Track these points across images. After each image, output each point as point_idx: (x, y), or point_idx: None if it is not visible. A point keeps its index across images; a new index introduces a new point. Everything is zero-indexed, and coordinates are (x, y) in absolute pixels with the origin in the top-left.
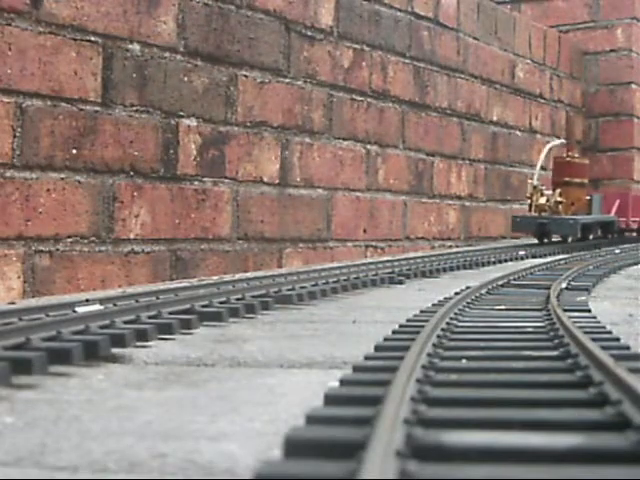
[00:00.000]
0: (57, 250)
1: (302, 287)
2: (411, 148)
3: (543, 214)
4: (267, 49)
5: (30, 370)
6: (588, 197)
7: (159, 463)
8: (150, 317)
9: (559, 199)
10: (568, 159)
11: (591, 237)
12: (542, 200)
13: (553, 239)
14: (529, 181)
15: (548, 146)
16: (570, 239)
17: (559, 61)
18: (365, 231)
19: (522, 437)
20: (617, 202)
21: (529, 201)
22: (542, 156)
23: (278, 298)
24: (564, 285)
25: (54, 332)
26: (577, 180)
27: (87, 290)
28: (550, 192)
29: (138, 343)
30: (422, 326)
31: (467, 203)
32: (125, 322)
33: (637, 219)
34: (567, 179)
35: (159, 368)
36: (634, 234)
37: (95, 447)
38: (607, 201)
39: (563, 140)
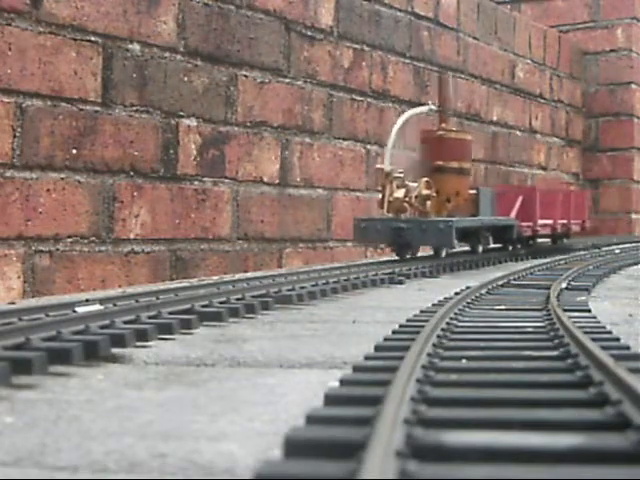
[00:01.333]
0: (57, 250)
1: (302, 287)
2: (411, 148)
3: (404, 215)
4: (267, 49)
5: (30, 370)
6: (473, 191)
7: (159, 463)
8: (150, 317)
9: (426, 192)
10: (441, 134)
11: (480, 249)
12: (398, 194)
13: (423, 252)
14: (377, 166)
15: (407, 114)
16: (443, 252)
17: (559, 61)
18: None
19: (522, 437)
20: (519, 200)
21: (380, 195)
22: (396, 128)
23: (278, 298)
24: (564, 285)
25: (54, 332)
26: (454, 165)
27: (87, 290)
28: (415, 183)
29: (138, 343)
30: (422, 326)
31: None
32: (125, 322)
33: (548, 222)
34: (440, 163)
35: (159, 368)
36: (544, 241)
37: (95, 447)
38: (504, 198)
39: (432, 106)
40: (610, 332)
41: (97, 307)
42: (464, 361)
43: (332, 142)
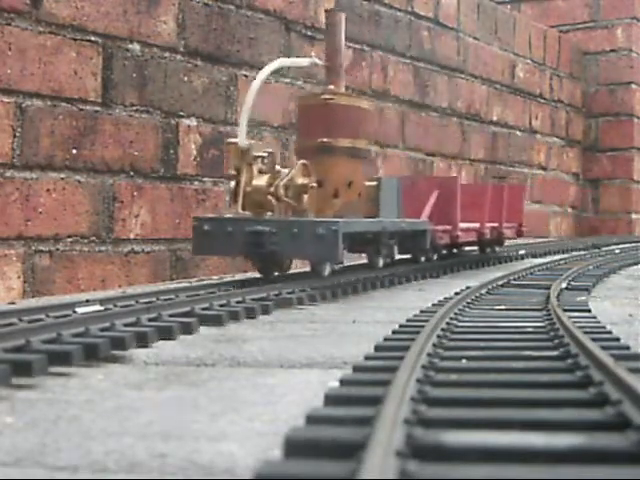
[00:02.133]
0: (57, 250)
1: (302, 289)
2: (411, 148)
3: (268, 214)
4: (267, 49)
5: (30, 372)
6: (372, 182)
7: (159, 463)
8: (150, 319)
9: (302, 181)
10: (327, 98)
11: (380, 262)
12: (260, 181)
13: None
14: (228, 140)
15: (273, 65)
16: (326, 269)
17: (559, 61)
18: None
19: (522, 437)
20: (434, 196)
21: (233, 184)
22: (256, 86)
23: (278, 301)
24: (564, 285)
25: (54, 334)
26: (345, 144)
27: (87, 290)
28: (286, 169)
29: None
30: (422, 326)
31: None
32: (125, 324)
33: (474, 225)
34: (324, 141)
35: (159, 368)
36: (469, 249)
37: (95, 447)
38: (413, 193)
39: (316, 59)
40: (610, 332)
41: (97, 307)
42: (464, 361)
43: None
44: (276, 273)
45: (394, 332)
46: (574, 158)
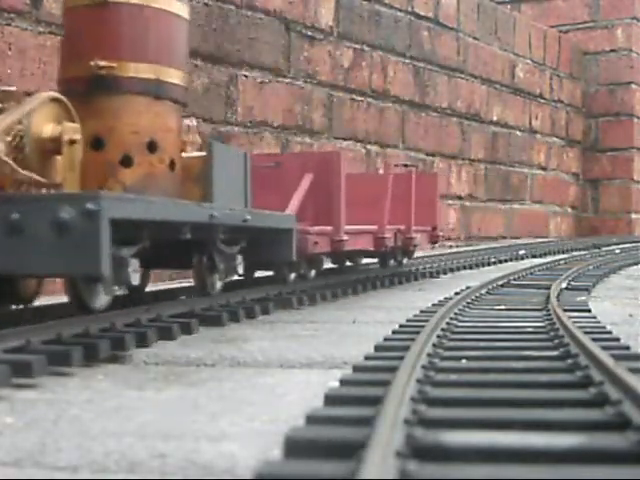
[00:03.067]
0: None
1: (302, 290)
2: (411, 148)
3: None
4: (267, 49)
5: (30, 373)
6: (197, 153)
7: (159, 463)
8: (150, 320)
9: (51, 133)
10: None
11: (215, 286)
12: None
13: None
14: None
15: None
16: (96, 300)
17: (559, 61)
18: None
19: (522, 437)
20: (306, 180)
21: None
22: None
23: (278, 301)
24: (564, 285)
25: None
26: (142, 74)
27: None
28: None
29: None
30: (422, 326)
31: (467, 203)
32: (126, 325)
33: (369, 227)
34: (100, 66)
35: (159, 368)
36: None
37: (95, 447)
38: (276, 177)
39: None
40: (610, 332)
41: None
42: (464, 361)
43: (332, 142)
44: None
45: (394, 332)
46: (574, 158)
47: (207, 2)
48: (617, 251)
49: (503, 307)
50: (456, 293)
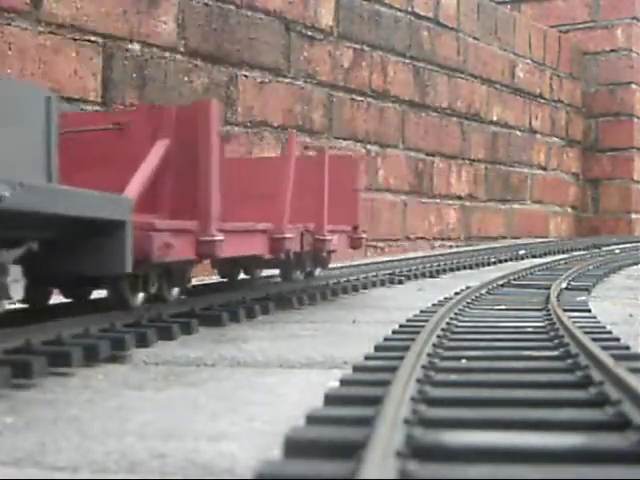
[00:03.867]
0: None
1: (302, 290)
2: (411, 148)
3: None
4: (267, 49)
5: (30, 374)
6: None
7: (159, 463)
8: (150, 320)
9: None
10: None
11: None
12: None
13: None
14: None
15: None
16: None
17: (559, 61)
18: (365, 231)
19: (522, 437)
20: (159, 149)
21: None
22: None
23: (278, 302)
24: (564, 285)
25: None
26: None
27: None
28: None
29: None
30: (422, 326)
31: (467, 203)
32: (125, 325)
33: (260, 226)
34: None
35: (159, 368)
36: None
37: (95, 447)
38: (112, 141)
39: None
40: (610, 332)
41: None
42: (464, 361)
43: (332, 142)
44: None
45: (394, 332)
46: (574, 158)
47: (207, 2)
48: (617, 251)
49: (503, 307)
50: (456, 293)
